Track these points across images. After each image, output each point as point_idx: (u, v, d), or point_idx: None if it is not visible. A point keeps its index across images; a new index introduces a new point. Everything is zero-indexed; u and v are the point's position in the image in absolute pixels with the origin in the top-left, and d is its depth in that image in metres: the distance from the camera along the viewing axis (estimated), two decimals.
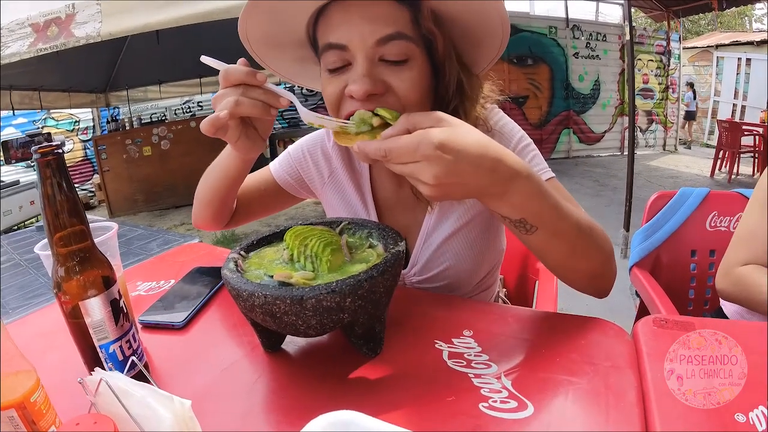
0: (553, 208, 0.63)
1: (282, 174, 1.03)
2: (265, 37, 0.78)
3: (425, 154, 0.53)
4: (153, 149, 6.50)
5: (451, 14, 0.71)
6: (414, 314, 0.76)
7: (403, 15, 0.68)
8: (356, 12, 0.68)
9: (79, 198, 0.58)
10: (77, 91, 6.48)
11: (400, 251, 0.63)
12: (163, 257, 1.16)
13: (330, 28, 0.70)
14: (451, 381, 0.59)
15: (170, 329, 0.79)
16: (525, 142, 0.86)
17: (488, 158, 0.55)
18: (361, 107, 0.68)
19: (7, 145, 2.28)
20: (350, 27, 0.68)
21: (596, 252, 0.71)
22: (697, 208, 1.43)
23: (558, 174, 0.85)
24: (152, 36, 3.54)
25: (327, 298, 0.53)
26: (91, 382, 0.50)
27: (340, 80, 0.71)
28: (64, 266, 0.57)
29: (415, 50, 0.70)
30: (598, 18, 9.12)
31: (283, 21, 0.74)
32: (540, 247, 0.69)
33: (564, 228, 0.66)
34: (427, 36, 0.71)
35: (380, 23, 0.67)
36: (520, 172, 0.58)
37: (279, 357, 0.68)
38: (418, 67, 0.71)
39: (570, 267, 0.72)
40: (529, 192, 0.60)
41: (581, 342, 0.65)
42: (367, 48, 0.68)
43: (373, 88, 0.68)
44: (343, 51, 0.69)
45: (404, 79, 0.70)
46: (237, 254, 0.67)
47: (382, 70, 0.70)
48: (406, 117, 0.58)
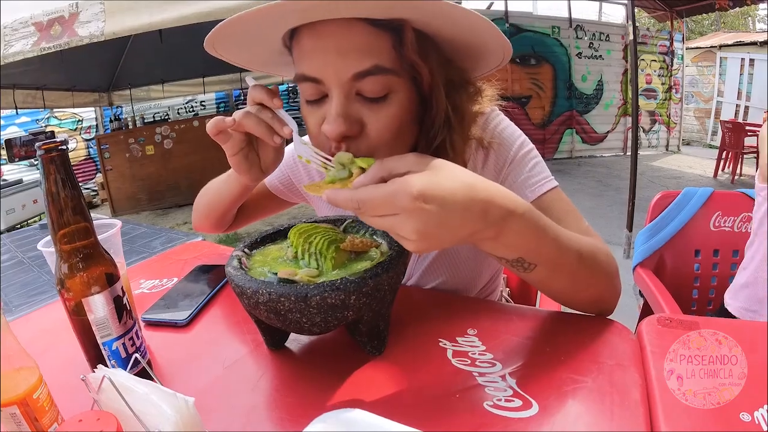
0: (552, 242, 0.59)
1: (272, 180, 1.03)
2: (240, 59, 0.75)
3: (403, 206, 0.47)
4: (156, 148, 6.51)
5: (443, 35, 0.65)
6: (418, 313, 0.76)
7: (381, 43, 0.61)
8: (330, 41, 0.61)
9: (82, 195, 0.58)
10: (80, 90, 6.48)
11: (405, 250, 0.62)
12: (166, 255, 1.16)
13: (303, 55, 0.64)
14: (455, 379, 0.59)
15: (173, 327, 0.79)
16: (526, 148, 0.82)
17: (477, 201, 0.50)
18: (336, 147, 0.64)
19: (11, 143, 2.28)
20: (324, 59, 0.62)
21: (599, 279, 0.68)
22: (701, 208, 1.43)
23: (561, 174, 0.85)
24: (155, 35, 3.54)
25: (332, 295, 0.53)
26: (93, 379, 0.50)
27: (319, 113, 0.66)
28: (68, 263, 0.57)
29: (395, 82, 0.63)
30: (601, 18, 9.10)
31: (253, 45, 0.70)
32: (540, 282, 0.65)
33: (565, 261, 0.62)
34: (411, 65, 0.64)
35: (355, 56, 0.61)
36: (514, 210, 0.53)
37: (282, 355, 0.68)
38: (398, 102, 0.64)
39: (572, 297, 0.70)
40: (525, 230, 0.55)
41: (586, 341, 0.65)
42: (343, 84, 0.62)
43: (348, 129, 0.62)
44: (318, 84, 0.63)
45: (380, 118, 0.64)
46: (241, 252, 0.67)
47: (359, 107, 0.64)
48: (380, 163, 0.52)
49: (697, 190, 1.45)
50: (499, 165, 0.81)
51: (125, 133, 6.58)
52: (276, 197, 1.05)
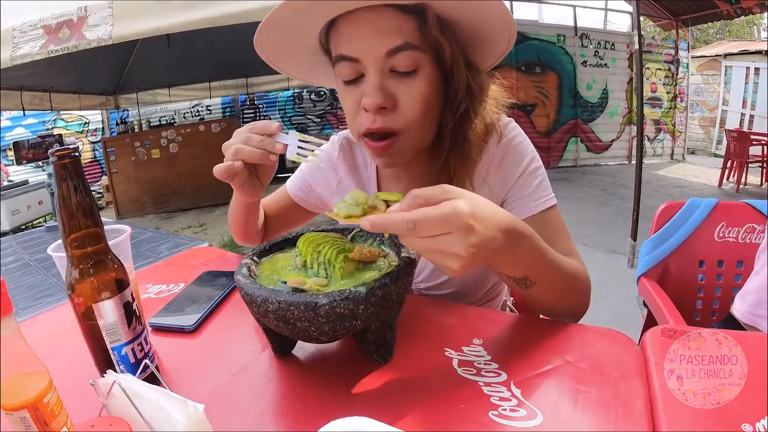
0: (549, 262, 0.67)
1: (296, 191, 1.08)
2: (280, 50, 0.81)
3: (458, 225, 0.52)
4: (161, 152, 6.54)
5: (456, 17, 0.72)
6: (424, 322, 0.77)
7: (409, 24, 0.69)
8: (365, 24, 0.70)
9: (94, 200, 0.59)
10: (87, 93, 6.51)
11: (412, 259, 0.63)
12: (172, 260, 1.17)
13: (341, 39, 0.72)
14: (461, 389, 0.59)
15: (180, 332, 0.80)
16: (535, 164, 0.87)
17: (507, 224, 0.57)
18: (373, 119, 0.72)
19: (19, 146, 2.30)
20: (361, 40, 0.70)
21: (577, 295, 0.77)
22: (706, 219, 1.43)
23: (565, 182, 0.88)
24: (163, 39, 3.56)
25: (340, 305, 0.54)
26: (103, 384, 0.50)
27: (356, 92, 0.74)
28: (79, 268, 0.58)
29: (423, 58, 0.72)
30: (606, 26, 9.11)
31: (295, 35, 0.77)
32: (533, 297, 0.72)
33: (556, 279, 0.70)
34: (435, 43, 0.72)
35: (388, 35, 0.69)
36: (524, 232, 0.61)
37: (290, 362, 0.68)
38: (426, 76, 0.73)
39: (553, 309, 0.77)
40: (533, 250, 0.64)
41: (590, 351, 0.65)
42: (378, 60, 0.70)
43: (384, 101, 0.71)
44: (356, 63, 0.72)
45: (411, 92, 0.72)
46: (250, 260, 0.68)
47: (393, 82, 0.72)
48: (413, 193, 0.55)
49: (701, 201, 1.45)
50: (509, 175, 0.86)
51: (131, 136, 6.60)
52: (301, 208, 1.11)
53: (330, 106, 8.68)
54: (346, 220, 0.59)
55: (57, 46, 2.88)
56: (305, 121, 8.76)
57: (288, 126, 8.70)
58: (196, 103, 8.47)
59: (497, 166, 0.87)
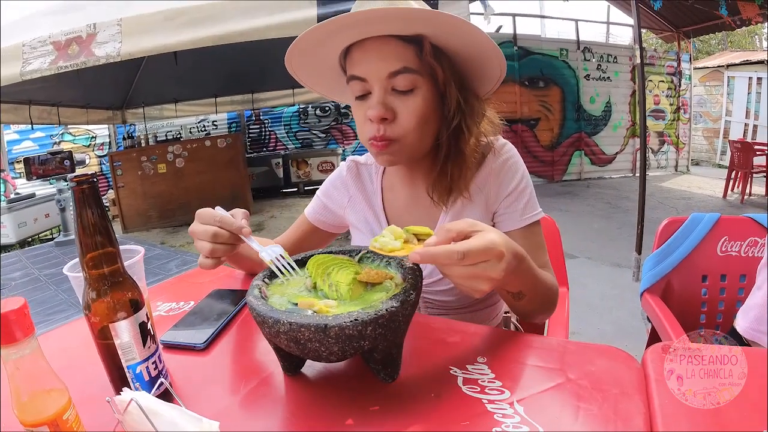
0: (537, 277, 0.80)
1: (314, 214, 1.17)
2: (308, 70, 0.96)
3: (496, 253, 0.63)
4: (168, 167, 6.59)
5: (450, 46, 0.85)
6: (430, 341, 0.78)
7: (408, 51, 0.83)
8: (372, 51, 0.84)
9: (110, 223, 0.61)
10: (95, 108, 6.58)
11: (418, 280, 0.66)
12: (182, 278, 1.18)
13: (353, 62, 0.87)
14: (465, 406, 0.61)
15: (191, 350, 0.81)
16: (525, 183, 0.99)
17: (514, 247, 0.69)
18: (377, 128, 0.86)
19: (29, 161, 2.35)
20: (368, 63, 0.85)
21: (550, 304, 0.90)
22: (708, 234, 1.44)
23: (570, 196, 0.95)
24: (170, 55, 3.60)
25: (349, 326, 0.56)
26: (119, 401, 0.52)
27: (364, 106, 0.88)
28: (96, 289, 0.60)
29: (419, 80, 0.85)
30: (608, 40, 9.18)
31: (319, 60, 0.92)
32: (522, 306, 0.84)
33: (540, 291, 0.83)
34: (430, 67, 0.85)
35: (390, 60, 0.83)
36: (523, 254, 0.73)
37: (299, 380, 0.70)
38: (422, 95, 0.86)
39: (533, 315, 0.90)
40: (528, 269, 0.75)
41: (592, 369, 0.67)
42: (381, 80, 0.84)
43: (385, 113, 0.84)
44: (364, 82, 0.86)
45: (408, 107, 0.85)
46: (261, 281, 0.70)
47: (393, 99, 0.86)
48: (445, 227, 0.66)
49: (704, 216, 1.46)
50: (503, 189, 0.99)
51: (138, 150, 6.65)
52: (319, 230, 1.19)
53: (335, 121, 8.75)
54: (390, 252, 0.66)
55: (66, 62, 2.92)
56: (310, 136, 8.82)
57: (293, 141, 8.77)
58: (202, 119, 8.55)
59: (494, 179, 0.99)
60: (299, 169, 8.11)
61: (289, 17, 2.75)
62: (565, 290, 1.40)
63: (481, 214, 0.99)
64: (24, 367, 0.50)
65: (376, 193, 1.10)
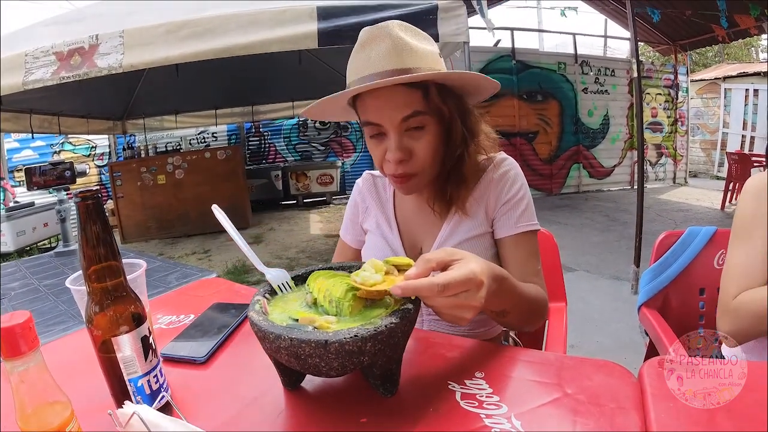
0: (519, 295, 0.84)
1: (347, 235, 1.25)
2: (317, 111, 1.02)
3: (475, 282, 0.66)
4: (167, 178, 6.59)
5: (453, 85, 0.94)
6: (429, 356, 0.79)
7: (416, 96, 0.90)
8: (384, 100, 0.90)
9: (113, 237, 0.62)
10: (95, 118, 6.59)
11: (417, 299, 0.67)
12: (182, 291, 1.19)
13: (367, 109, 0.94)
14: (463, 421, 0.61)
15: (192, 364, 0.82)
16: (522, 193, 1.04)
17: (493, 270, 0.73)
18: (395, 168, 0.93)
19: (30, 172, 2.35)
20: (381, 111, 0.91)
21: (537, 316, 0.95)
22: (705, 247, 1.45)
23: (568, 209, 0.96)
24: (171, 67, 3.62)
25: (349, 342, 0.57)
26: (121, 415, 0.53)
27: (381, 145, 0.95)
28: (98, 303, 0.61)
29: (428, 119, 0.92)
30: (606, 53, 9.25)
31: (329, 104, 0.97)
32: (507, 323, 0.90)
33: (524, 306, 0.87)
34: (436, 107, 0.92)
35: (402, 107, 0.90)
36: (504, 275, 0.77)
37: (299, 394, 0.71)
38: (431, 131, 0.94)
39: (520, 328, 0.97)
40: (510, 288, 0.80)
41: (589, 384, 0.67)
42: (396, 125, 0.91)
43: (403, 156, 0.92)
44: (379, 127, 0.93)
45: (422, 144, 0.93)
46: (262, 297, 0.71)
47: (408, 139, 0.93)
48: (424, 258, 0.68)
49: (700, 230, 1.47)
50: (502, 197, 1.04)
51: (138, 161, 6.67)
52: (358, 250, 1.24)
53: (334, 134, 8.80)
54: (372, 287, 0.65)
55: (68, 72, 2.93)
56: (309, 149, 8.86)
57: (293, 153, 8.80)
58: (202, 130, 8.58)
59: (494, 188, 1.04)
60: (298, 182, 8.13)
61: (290, 31, 2.78)
62: (563, 305, 1.40)
63: (479, 224, 1.04)
64: (29, 380, 0.51)
65: (388, 201, 1.18)
